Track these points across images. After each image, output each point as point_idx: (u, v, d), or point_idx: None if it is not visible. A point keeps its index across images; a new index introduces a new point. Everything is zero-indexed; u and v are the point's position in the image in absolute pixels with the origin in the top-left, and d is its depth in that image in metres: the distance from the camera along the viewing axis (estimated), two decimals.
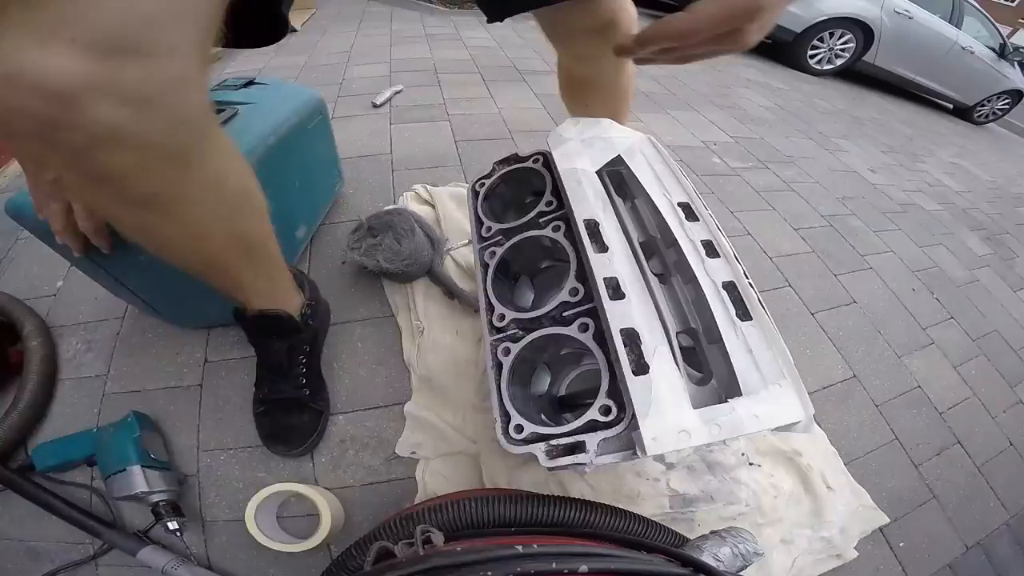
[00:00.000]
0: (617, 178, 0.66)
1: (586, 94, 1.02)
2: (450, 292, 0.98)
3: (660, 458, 0.82)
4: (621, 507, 0.74)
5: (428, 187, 1.27)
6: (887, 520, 0.89)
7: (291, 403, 0.79)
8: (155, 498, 0.68)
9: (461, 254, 1.06)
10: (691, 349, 0.51)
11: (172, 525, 0.67)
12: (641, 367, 0.43)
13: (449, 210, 1.19)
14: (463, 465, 0.79)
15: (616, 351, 0.44)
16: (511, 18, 0.73)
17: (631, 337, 0.45)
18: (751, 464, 0.87)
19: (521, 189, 0.72)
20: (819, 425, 0.99)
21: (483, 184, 0.70)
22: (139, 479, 0.67)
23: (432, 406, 0.85)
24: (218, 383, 0.84)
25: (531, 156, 0.69)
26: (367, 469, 0.78)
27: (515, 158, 0.70)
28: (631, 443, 0.42)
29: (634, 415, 0.41)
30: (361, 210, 1.21)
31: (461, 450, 0.80)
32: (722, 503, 0.80)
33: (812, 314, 1.26)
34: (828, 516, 0.85)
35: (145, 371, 0.85)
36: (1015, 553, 0.97)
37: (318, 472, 0.77)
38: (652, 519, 0.61)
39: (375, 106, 1.74)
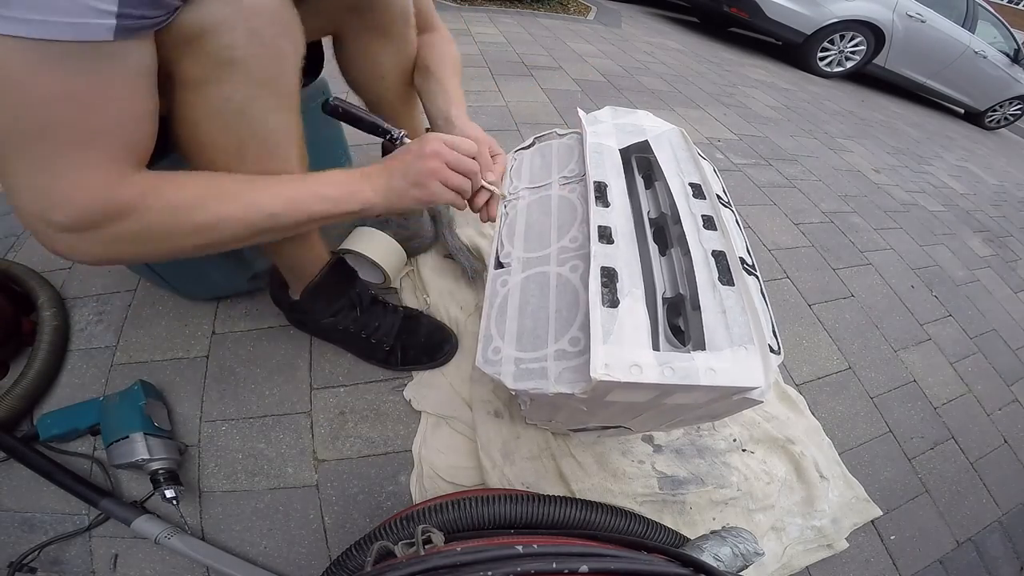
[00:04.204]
0: (645, 163, 0.70)
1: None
2: (450, 254, 1.03)
3: (648, 439, 0.83)
4: (611, 486, 0.76)
5: None
6: (880, 513, 0.90)
7: (408, 321, 0.87)
8: (154, 466, 0.68)
9: (466, 235, 1.09)
10: (678, 324, 0.52)
11: (169, 493, 0.68)
12: (612, 302, 0.45)
13: None
14: (460, 441, 0.80)
15: (588, 282, 0.46)
16: (520, 15, 0.75)
17: (610, 276, 0.47)
18: (744, 450, 0.88)
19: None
20: (814, 415, 1.00)
21: (520, 151, 0.77)
22: (140, 446, 0.68)
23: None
24: (224, 355, 0.86)
25: (567, 133, 0.75)
26: (365, 441, 0.80)
27: (554, 134, 0.76)
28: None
29: None
30: None
31: (457, 415, 0.82)
32: (712, 486, 0.81)
33: (809, 306, 1.27)
34: (820, 505, 0.86)
35: (153, 342, 0.87)
36: (1006, 551, 0.98)
37: (317, 443, 0.79)
38: (652, 520, 0.62)
39: None
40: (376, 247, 0.92)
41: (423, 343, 0.86)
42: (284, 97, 0.51)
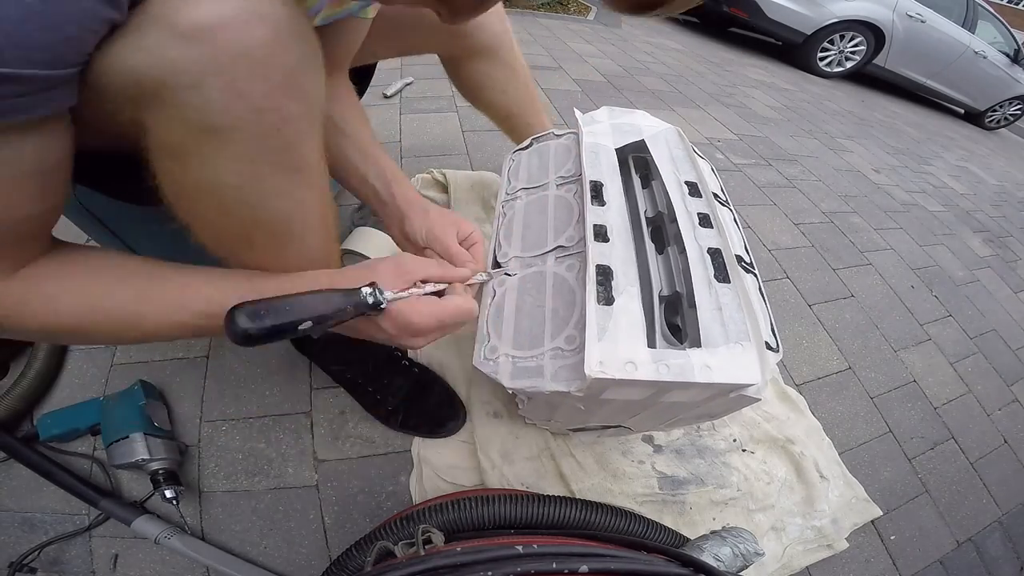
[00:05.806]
0: (642, 163, 0.70)
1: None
2: None
3: (648, 439, 0.83)
4: (611, 486, 0.76)
5: (446, 171, 1.25)
6: (880, 513, 0.89)
7: (420, 386, 0.80)
8: (154, 466, 0.68)
9: None
10: (675, 322, 0.52)
11: (169, 493, 0.68)
12: (608, 300, 0.45)
13: (461, 193, 1.21)
14: (459, 442, 0.80)
15: (585, 280, 0.46)
16: (521, 16, 0.76)
17: (605, 274, 0.47)
18: (744, 450, 0.88)
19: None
20: (814, 415, 1.00)
21: (518, 152, 0.77)
22: (140, 446, 0.68)
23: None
24: (224, 354, 0.86)
25: (565, 134, 0.75)
26: (365, 441, 0.80)
27: (551, 135, 0.76)
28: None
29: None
30: None
31: None
32: (712, 486, 0.81)
33: (810, 306, 1.27)
34: (820, 505, 0.86)
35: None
36: (1006, 551, 0.98)
37: (317, 443, 0.78)
38: (652, 520, 0.62)
39: (386, 96, 1.75)
40: (376, 247, 0.92)
41: (429, 412, 0.81)
42: (295, 173, 0.40)
